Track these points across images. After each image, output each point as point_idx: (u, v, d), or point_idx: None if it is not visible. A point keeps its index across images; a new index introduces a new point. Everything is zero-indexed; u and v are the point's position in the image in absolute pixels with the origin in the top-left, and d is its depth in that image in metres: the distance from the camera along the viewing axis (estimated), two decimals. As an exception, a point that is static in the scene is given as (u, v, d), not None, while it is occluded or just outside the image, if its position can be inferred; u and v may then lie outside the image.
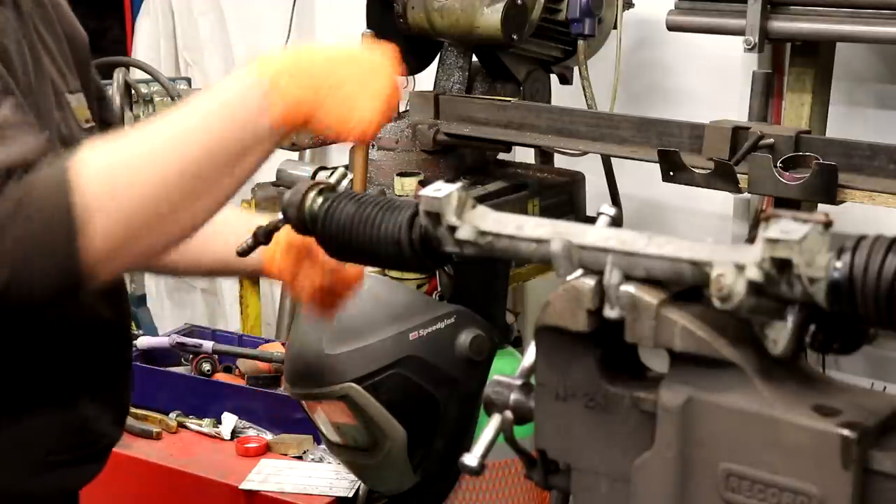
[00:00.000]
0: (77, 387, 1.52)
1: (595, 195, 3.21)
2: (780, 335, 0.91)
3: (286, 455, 2.47)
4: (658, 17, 2.97)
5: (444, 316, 1.68)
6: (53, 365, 1.48)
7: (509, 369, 1.11)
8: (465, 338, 1.68)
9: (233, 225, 1.50)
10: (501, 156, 3.30)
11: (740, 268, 0.90)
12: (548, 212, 3.05)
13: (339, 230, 1.28)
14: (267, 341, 2.87)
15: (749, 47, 2.69)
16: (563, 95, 3.29)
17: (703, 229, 3.27)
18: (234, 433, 2.55)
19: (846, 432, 0.87)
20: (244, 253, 1.48)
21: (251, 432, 2.56)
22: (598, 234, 1.02)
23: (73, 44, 1.61)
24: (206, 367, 2.72)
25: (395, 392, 1.65)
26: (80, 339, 1.51)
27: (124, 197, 1.18)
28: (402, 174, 2.89)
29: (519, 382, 1.07)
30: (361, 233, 1.26)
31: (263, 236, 1.45)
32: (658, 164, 2.50)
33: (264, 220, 1.45)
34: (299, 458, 2.47)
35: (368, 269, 1.72)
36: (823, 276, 0.87)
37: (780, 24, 2.69)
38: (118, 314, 1.60)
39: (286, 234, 1.38)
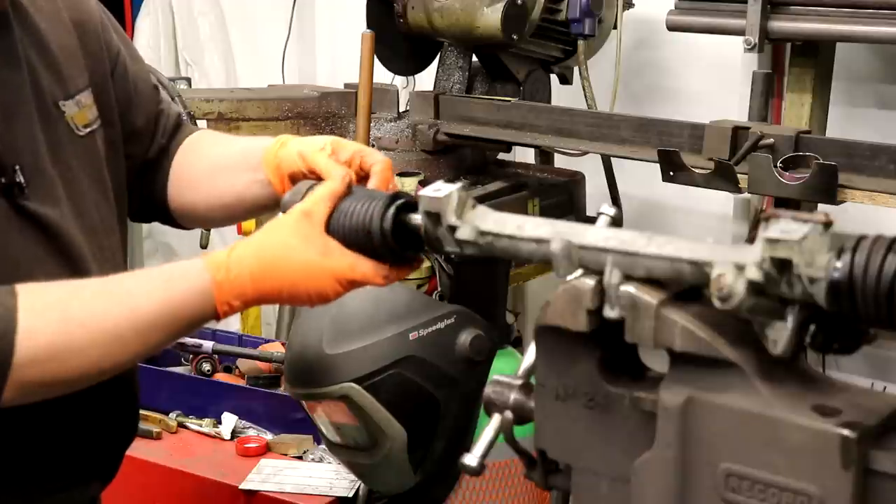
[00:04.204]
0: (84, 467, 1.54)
1: (595, 195, 3.21)
2: (780, 335, 0.91)
3: (286, 455, 2.47)
4: (658, 17, 2.97)
5: (444, 316, 1.68)
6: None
7: (509, 369, 1.11)
8: (465, 338, 1.67)
9: (233, 156, 1.56)
10: (501, 156, 3.30)
11: (740, 268, 0.90)
12: (548, 212, 3.05)
13: (336, 229, 1.29)
14: (267, 341, 2.86)
15: (749, 47, 2.70)
16: (563, 95, 3.29)
17: (703, 229, 3.28)
18: (234, 433, 2.55)
19: (846, 432, 0.87)
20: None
21: (251, 432, 2.55)
22: (598, 234, 1.02)
23: (82, 31, 1.50)
24: (207, 367, 2.71)
25: (395, 392, 1.65)
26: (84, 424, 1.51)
27: (57, 375, 1.26)
28: (402, 174, 2.89)
29: (519, 382, 1.06)
30: (347, 226, 1.27)
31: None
32: (658, 164, 2.50)
33: (258, 141, 1.51)
34: (299, 458, 2.47)
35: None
36: (823, 276, 0.87)
37: (780, 24, 2.69)
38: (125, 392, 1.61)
39: (286, 165, 1.45)
